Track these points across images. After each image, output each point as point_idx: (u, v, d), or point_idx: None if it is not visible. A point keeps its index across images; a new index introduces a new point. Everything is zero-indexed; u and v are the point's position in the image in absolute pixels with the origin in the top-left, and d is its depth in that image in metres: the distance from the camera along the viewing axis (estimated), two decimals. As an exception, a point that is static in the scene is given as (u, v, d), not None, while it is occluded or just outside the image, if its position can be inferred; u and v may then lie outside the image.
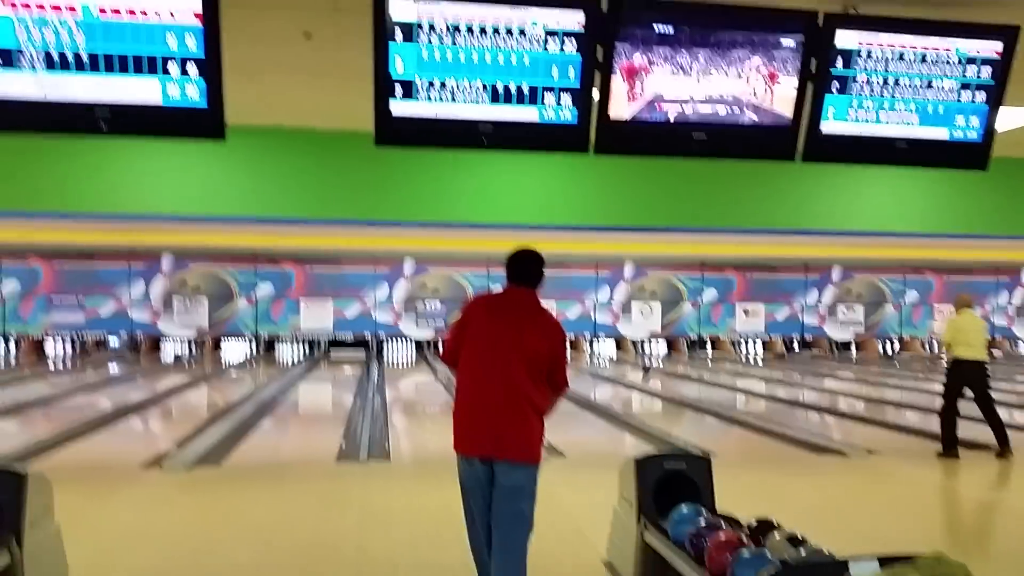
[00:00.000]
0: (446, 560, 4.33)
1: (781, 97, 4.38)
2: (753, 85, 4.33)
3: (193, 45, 3.77)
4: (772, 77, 4.33)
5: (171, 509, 5.64)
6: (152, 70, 3.75)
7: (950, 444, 7.39)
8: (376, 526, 5.14)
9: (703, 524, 3.39)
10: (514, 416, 3.39)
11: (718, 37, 4.20)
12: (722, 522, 3.43)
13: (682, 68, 4.22)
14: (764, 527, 3.37)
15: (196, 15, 3.75)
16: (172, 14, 3.73)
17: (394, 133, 4.09)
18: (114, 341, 18.20)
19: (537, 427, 3.47)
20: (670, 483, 3.99)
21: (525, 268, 3.57)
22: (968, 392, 7.53)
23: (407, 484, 6.38)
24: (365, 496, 5.92)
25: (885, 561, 2.70)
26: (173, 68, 3.78)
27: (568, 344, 3.76)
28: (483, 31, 3.95)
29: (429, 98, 4.02)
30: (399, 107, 4.02)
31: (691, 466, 4.09)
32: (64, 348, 17.83)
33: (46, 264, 17.11)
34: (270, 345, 18.49)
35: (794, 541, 3.14)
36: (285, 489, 6.13)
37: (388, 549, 4.68)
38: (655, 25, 4.14)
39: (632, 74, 4.18)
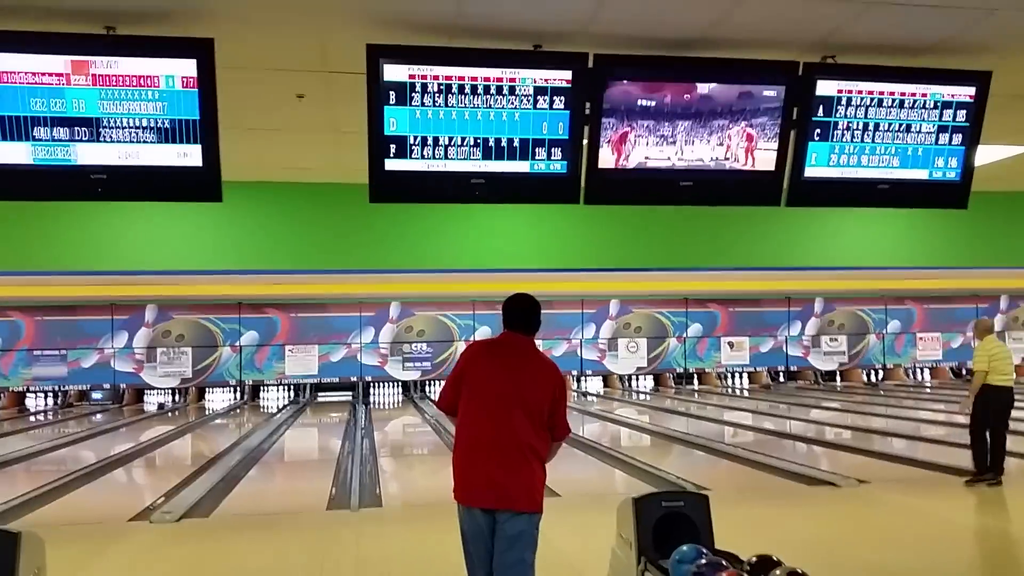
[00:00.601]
0: (446, 607, 4.31)
1: (765, 145, 4.49)
2: (739, 134, 4.44)
3: (190, 110, 3.82)
4: (757, 126, 4.44)
5: (162, 563, 5.56)
6: (152, 137, 3.79)
7: (983, 467, 7.42)
8: (373, 574, 5.10)
9: (704, 563, 3.39)
10: (517, 466, 3.38)
11: (703, 90, 4.31)
12: (723, 561, 3.44)
13: (669, 118, 4.32)
14: (764, 564, 3.38)
15: (191, 80, 3.81)
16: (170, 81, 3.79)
17: (389, 190, 4.16)
18: (97, 393, 18.00)
19: (539, 475, 3.47)
20: (668, 522, 4.01)
21: (526, 316, 3.58)
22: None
23: (401, 530, 6.33)
24: (359, 544, 5.87)
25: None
26: (171, 134, 3.83)
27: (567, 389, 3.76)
28: (474, 90, 4.04)
29: (423, 155, 4.10)
30: (393, 165, 4.09)
31: (689, 504, 4.11)
32: (46, 401, 17.59)
33: (28, 318, 16.95)
34: (255, 392, 18.35)
35: (795, 577, 3.16)
36: (278, 539, 6.07)
37: (387, 599, 4.64)
38: (640, 79, 4.24)
39: (620, 126, 4.27)
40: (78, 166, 3.78)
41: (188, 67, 3.80)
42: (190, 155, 3.88)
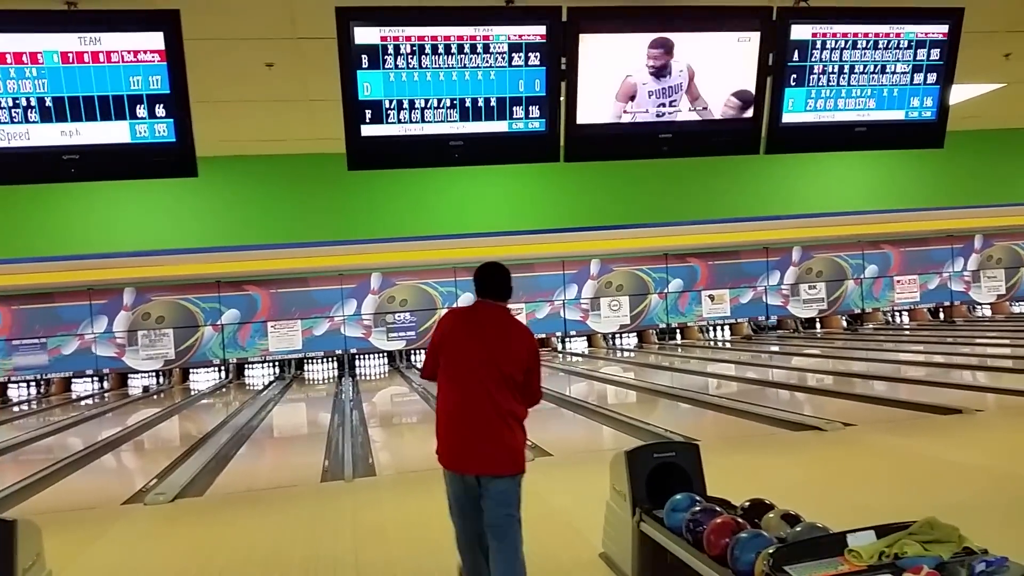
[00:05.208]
0: (445, 564, 4.36)
1: (742, 93, 4.47)
2: (715, 82, 4.41)
3: (158, 84, 3.74)
4: (733, 73, 4.42)
5: (161, 543, 5.57)
6: (120, 113, 3.71)
7: None
8: (371, 541, 5.14)
9: (698, 510, 3.44)
10: (498, 434, 3.49)
11: (677, 38, 4.27)
12: (716, 507, 3.49)
13: (644, 71, 4.29)
14: (758, 507, 3.43)
15: (159, 53, 3.73)
16: (135, 54, 3.70)
17: (366, 157, 4.11)
18: (80, 379, 17.87)
19: (521, 438, 3.59)
20: (661, 473, 4.06)
21: (497, 284, 3.65)
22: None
23: (396, 497, 6.38)
24: (356, 513, 5.91)
25: (881, 531, 2.78)
26: (140, 109, 3.75)
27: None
28: (448, 50, 3.99)
29: (399, 120, 4.05)
30: (370, 131, 4.04)
31: (680, 454, 4.17)
32: (28, 390, 17.45)
33: (4, 308, 16.73)
34: (240, 370, 18.30)
35: (789, 519, 3.19)
36: (274, 513, 6.09)
37: (386, 561, 4.69)
38: (614, 31, 4.20)
39: (596, 80, 4.23)
40: (50, 147, 3.71)
41: (155, 40, 3.72)
42: (163, 130, 3.80)
